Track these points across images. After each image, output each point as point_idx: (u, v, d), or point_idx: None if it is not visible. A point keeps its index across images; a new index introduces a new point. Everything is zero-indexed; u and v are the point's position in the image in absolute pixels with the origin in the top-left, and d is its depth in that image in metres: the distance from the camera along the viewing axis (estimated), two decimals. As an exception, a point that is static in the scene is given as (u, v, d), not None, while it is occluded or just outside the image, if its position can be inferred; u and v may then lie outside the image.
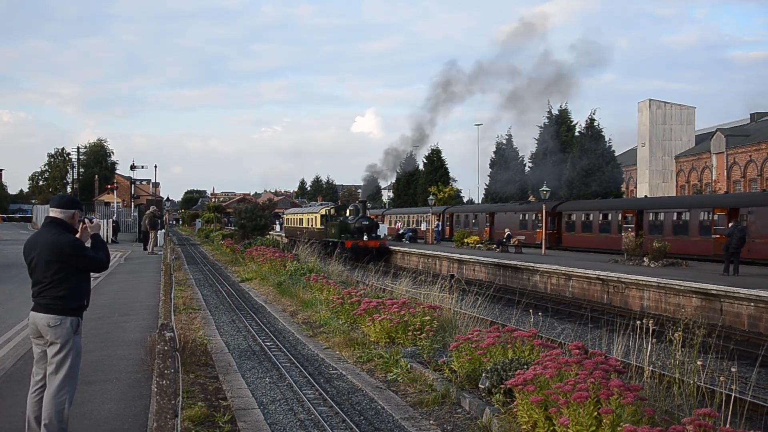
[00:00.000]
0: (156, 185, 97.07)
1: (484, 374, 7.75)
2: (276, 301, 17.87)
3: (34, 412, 5.67)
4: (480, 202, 66.75)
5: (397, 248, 41.21)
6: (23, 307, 11.92)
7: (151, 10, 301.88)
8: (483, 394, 7.68)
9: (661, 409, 6.33)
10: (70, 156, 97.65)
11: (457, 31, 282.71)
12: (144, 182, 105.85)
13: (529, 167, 59.03)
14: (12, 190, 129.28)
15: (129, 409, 7.17)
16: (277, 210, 75.66)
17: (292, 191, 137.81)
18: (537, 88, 47.82)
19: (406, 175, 71.03)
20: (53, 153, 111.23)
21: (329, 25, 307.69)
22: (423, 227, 54.26)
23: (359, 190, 71.64)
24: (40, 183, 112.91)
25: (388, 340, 10.95)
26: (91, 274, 6.06)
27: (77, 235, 5.84)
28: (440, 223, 51.48)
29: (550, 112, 56.90)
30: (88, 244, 5.90)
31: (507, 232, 38.49)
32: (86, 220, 5.98)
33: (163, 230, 43.43)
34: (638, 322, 8.35)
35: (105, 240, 6.83)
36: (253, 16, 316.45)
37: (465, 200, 79.49)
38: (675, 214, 32.32)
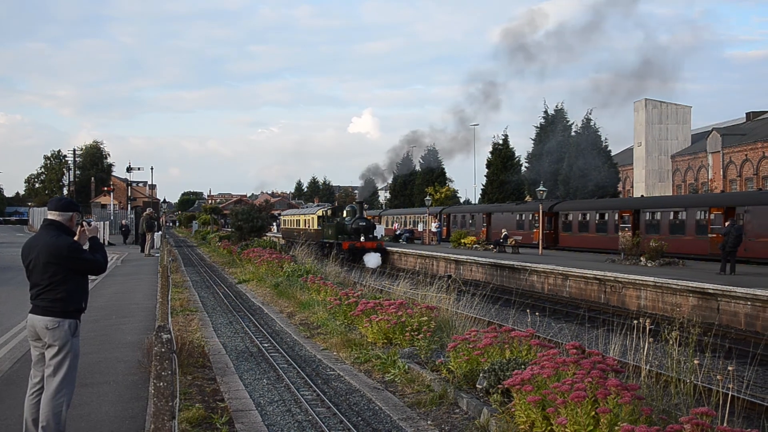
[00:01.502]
0: (153, 187, 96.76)
1: (481, 374, 7.75)
2: (273, 302, 17.85)
3: (32, 415, 5.68)
4: (477, 202, 66.75)
5: (395, 249, 41.22)
6: (20, 310, 11.91)
7: (150, 11, 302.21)
8: (480, 395, 7.68)
9: (659, 408, 6.34)
10: (67, 158, 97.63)
11: (456, 32, 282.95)
12: (140, 184, 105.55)
13: (525, 167, 59.05)
14: (8, 193, 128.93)
15: (126, 411, 7.18)
16: (273, 211, 75.59)
17: (289, 192, 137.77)
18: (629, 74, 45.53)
19: (403, 175, 71.05)
20: (49, 155, 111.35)
21: (328, 26, 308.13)
22: (420, 228, 54.26)
23: (356, 191, 71.54)
24: (37, 185, 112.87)
25: (385, 341, 10.95)
26: (89, 276, 6.07)
27: (75, 238, 5.85)
28: (440, 223, 51.46)
29: (546, 111, 56.96)
30: (86, 247, 5.91)
31: (504, 232, 38.48)
32: (84, 223, 5.99)
33: (160, 232, 43.36)
34: (635, 322, 8.36)
35: (103, 242, 6.82)
36: (252, 18, 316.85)
37: (462, 200, 79.50)
38: (671, 213, 32.36)
